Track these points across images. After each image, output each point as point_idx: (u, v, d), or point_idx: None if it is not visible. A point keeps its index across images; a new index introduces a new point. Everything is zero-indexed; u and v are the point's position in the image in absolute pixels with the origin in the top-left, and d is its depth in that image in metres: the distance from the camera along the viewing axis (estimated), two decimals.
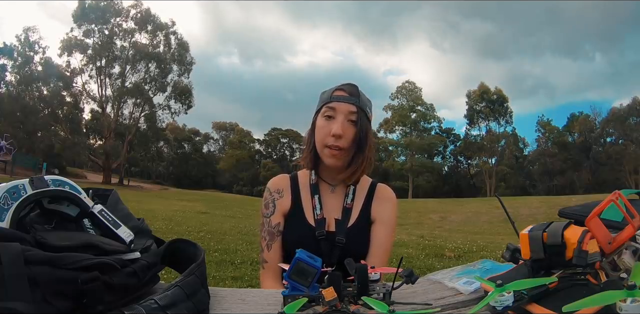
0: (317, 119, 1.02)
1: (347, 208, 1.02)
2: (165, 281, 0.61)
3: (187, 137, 49.23)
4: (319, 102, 1.04)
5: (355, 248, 0.97)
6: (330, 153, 0.97)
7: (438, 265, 4.68)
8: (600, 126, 38.91)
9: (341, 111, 0.97)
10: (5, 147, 20.99)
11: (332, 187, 1.06)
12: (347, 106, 0.97)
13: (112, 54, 28.78)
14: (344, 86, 1.01)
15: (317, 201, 1.02)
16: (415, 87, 43.67)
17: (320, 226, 0.99)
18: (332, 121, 0.97)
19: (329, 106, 0.98)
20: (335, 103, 0.98)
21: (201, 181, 45.19)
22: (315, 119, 1.03)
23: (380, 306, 0.49)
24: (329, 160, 0.98)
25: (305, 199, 1.04)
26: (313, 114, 1.05)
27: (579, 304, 0.38)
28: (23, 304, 0.40)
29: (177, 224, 7.62)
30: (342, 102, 0.98)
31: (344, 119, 0.97)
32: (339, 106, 0.98)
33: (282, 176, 1.12)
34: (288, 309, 0.49)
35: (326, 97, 1.01)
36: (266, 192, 1.08)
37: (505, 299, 0.44)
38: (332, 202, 1.04)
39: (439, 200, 25.40)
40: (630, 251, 0.45)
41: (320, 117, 1.00)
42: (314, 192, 1.04)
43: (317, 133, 1.00)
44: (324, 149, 0.98)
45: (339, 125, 0.95)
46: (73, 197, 0.57)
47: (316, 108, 1.04)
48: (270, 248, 1.03)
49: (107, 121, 29.33)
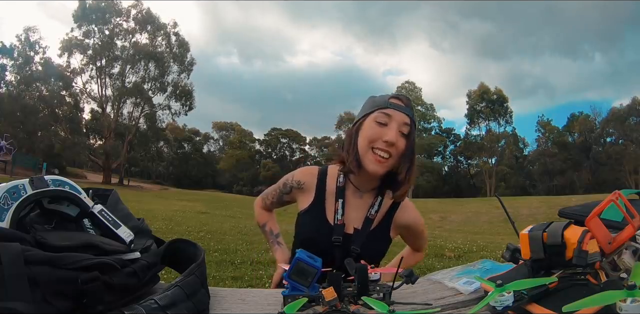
0: (365, 122, 0.97)
1: (370, 219, 0.99)
2: (165, 281, 0.61)
3: (187, 137, 49.22)
4: (369, 105, 0.99)
5: (368, 258, 0.94)
6: (375, 159, 0.93)
7: (438, 265, 4.68)
8: (600, 126, 38.91)
9: (396, 119, 0.93)
10: (5, 147, 20.99)
11: (360, 193, 1.02)
12: (403, 116, 0.94)
13: (112, 54, 28.78)
14: (401, 96, 0.98)
15: (340, 206, 0.99)
16: (415, 87, 43.70)
17: (339, 231, 0.97)
18: (385, 128, 0.93)
19: (384, 112, 0.94)
20: (391, 110, 0.94)
21: (201, 181, 45.18)
22: (361, 121, 0.98)
23: (380, 306, 0.49)
24: (373, 166, 0.93)
25: (329, 201, 1.02)
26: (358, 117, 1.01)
27: (579, 304, 0.38)
28: (23, 304, 0.40)
29: (177, 224, 7.62)
30: (399, 111, 0.94)
31: (397, 128, 0.93)
32: (395, 113, 0.94)
33: (312, 168, 1.09)
34: (288, 309, 0.49)
35: (382, 102, 0.96)
36: (290, 176, 1.10)
37: (505, 299, 0.44)
38: (356, 209, 1.00)
39: (439, 200, 25.38)
40: (630, 251, 0.45)
41: (371, 121, 0.95)
42: (339, 196, 1.00)
43: (366, 135, 0.95)
44: (368, 152, 0.94)
45: (394, 132, 0.92)
46: (73, 197, 0.57)
47: (364, 111, 0.99)
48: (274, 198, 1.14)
49: (107, 121, 29.33)
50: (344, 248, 0.95)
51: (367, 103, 1.01)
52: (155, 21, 30.07)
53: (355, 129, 0.99)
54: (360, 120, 0.99)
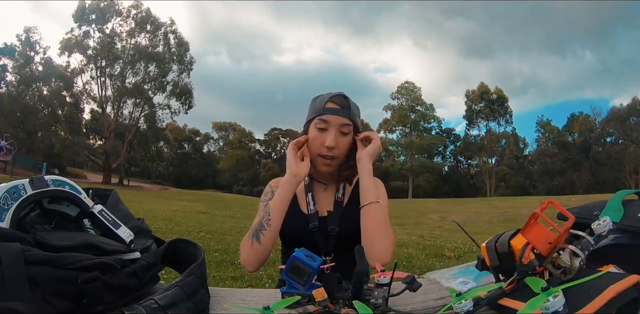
0: (309, 128, 1.06)
1: (339, 202, 1.07)
2: (165, 281, 0.61)
3: (187, 137, 49.22)
4: (310, 111, 1.08)
5: (347, 233, 1.00)
6: (322, 162, 1.04)
7: (438, 265, 4.67)
8: (600, 126, 38.92)
9: (333, 123, 1.02)
10: (5, 147, 20.99)
11: (324, 186, 1.12)
12: (339, 118, 1.02)
13: (112, 54, 28.77)
14: (335, 98, 1.05)
15: (310, 198, 1.08)
16: (415, 87, 43.72)
17: (314, 218, 1.04)
18: (324, 133, 1.02)
19: (322, 118, 1.02)
20: (327, 116, 1.02)
21: (201, 181, 45.20)
22: (307, 127, 1.07)
23: (366, 311, 0.50)
24: (323, 168, 1.05)
25: (300, 197, 1.10)
26: (305, 122, 1.09)
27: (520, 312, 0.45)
28: (23, 304, 0.40)
29: (177, 224, 7.61)
30: (335, 115, 1.02)
31: (337, 131, 1.02)
32: (331, 118, 1.02)
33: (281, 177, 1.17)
34: (275, 306, 0.49)
35: (318, 108, 1.04)
36: (267, 187, 1.14)
37: (464, 306, 0.51)
38: (325, 198, 1.10)
39: (439, 200, 25.39)
40: (568, 250, 0.51)
41: (313, 127, 1.04)
42: (307, 190, 1.10)
43: (311, 143, 1.05)
44: (317, 158, 1.04)
45: (332, 138, 1.01)
46: (73, 197, 0.57)
47: (308, 116, 1.08)
48: None
49: (107, 121, 29.32)
50: (323, 232, 1.02)
51: (310, 107, 1.10)
52: (155, 21, 30.08)
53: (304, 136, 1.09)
54: (306, 126, 1.08)
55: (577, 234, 0.52)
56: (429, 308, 0.61)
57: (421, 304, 0.62)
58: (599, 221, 0.52)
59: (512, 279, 0.53)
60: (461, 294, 0.52)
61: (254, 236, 0.96)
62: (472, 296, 0.52)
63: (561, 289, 0.45)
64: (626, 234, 0.62)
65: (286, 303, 0.51)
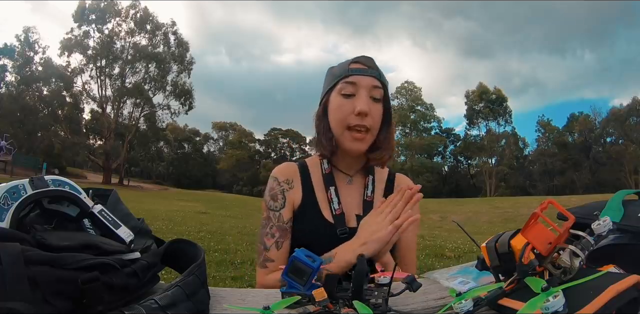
0: (330, 99, 0.87)
1: (368, 201, 0.89)
2: (165, 281, 0.61)
3: (187, 137, 49.22)
4: (329, 79, 0.89)
5: None
6: (353, 137, 0.83)
7: (438, 265, 4.68)
8: (600, 126, 38.92)
9: (363, 85, 0.83)
10: (5, 147, 20.98)
11: (349, 178, 0.92)
12: (369, 79, 0.84)
13: (112, 54, 28.78)
14: (361, 58, 0.87)
15: (333, 194, 0.88)
16: (415, 87, 43.72)
17: (341, 222, 0.86)
18: (352, 99, 0.83)
19: (348, 81, 0.84)
20: (355, 77, 0.83)
21: (201, 181, 45.18)
22: (326, 99, 0.88)
23: (366, 311, 0.50)
24: (353, 144, 0.84)
25: (319, 192, 0.89)
26: (322, 95, 0.90)
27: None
28: (23, 304, 0.40)
29: (177, 224, 7.61)
30: (364, 76, 0.84)
31: (368, 95, 0.83)
32: (360, 80, 0.83)
33: (289, 163, 0.97)
34: (274, 306, 0.49)
35: (342, 70, 0.86)
36: (273, 182, 0.91)
37: (464, 306, 0.50)
38: (350, 194, 0.90)
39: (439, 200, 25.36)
40: (567, 251, 0.51)
41: (336, 95, 0.85)
42: (329, 183, 0.89)
43: (335, 113, 0.85)
44: (344, 132, 0.84)
45: (365, 101, 0.82)
46: (73, 197, 0.56)
47: (326, 86, 0.89)
48: (280, 246, 0.87)
49: (107, 121, 29.32)
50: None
51: (327, 76, 0.91)
52: (155, 21, 30.09)
53: (322, 109, 0.89)
54: (325, 97, 0.89)
55: (577, 234, 0.52)
56: (429, 308, 0.61)
57: (421, 304, 0.62)
58: (599, 221, 0.52)
59: (512, 279, 0.53)
60: (461, 294, 0.52)
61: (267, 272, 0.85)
62: (472, 296, 0.52)
63: (561, 289, 0.45)
64: (626, 234, 0.62)
65: (286, 303, 0.51)
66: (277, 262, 0.86)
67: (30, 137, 27.04)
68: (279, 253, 0.87)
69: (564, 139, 40.64)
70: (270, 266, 0.86)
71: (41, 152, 27.16)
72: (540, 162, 40.75)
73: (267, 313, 0.48)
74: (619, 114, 36.32)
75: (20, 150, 23.70)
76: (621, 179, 33.49)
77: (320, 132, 0.89)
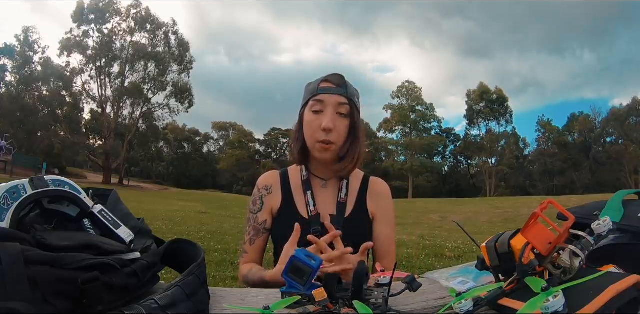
0: (304, 113, 0.98)
1: (341, 203, 0.99)
2: (165, 281, 0.61)
3: (187, 137, 49.23)
4: (305, 95, 1.00)
5: (353, 241, 0.90)
6: (321, 148, 0.94)
7: (438, 265, 4.67)
8: (600, 126, 38.93)
9: (330, 103, 0.94)
10: (5, 147, 20.98)
11: (323, 182, 1.02)
12: (335, 97, 0.94)
13: (111, 54, 28.78)
14: (330, 77, 0.97)
15: (309, 197, 0.99)
16: (415, 87, 43.71)
17: (315, 222, 0.96)
18: (320, 115, 0.94)
19: (317, 99, 0.94)
20: (322, 95, 0.94)
21: (201, 181, 45.19)
22: (302, 113, 1.00)
23: (366, 311, 0.50)
24: (321, 155, 0.96)
25: (297, 196, 1.01)
26: (300, 109, 1.02)
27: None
28: (23, 304, 0.40)
29: (177, 224, 7.61)
30: (330, 94, 0.94)
31: (334, 112, 0.93)
32: (327, 98, 0.94)
33: (272, 172, 1.09)
34: (274, 306, 0.49)
35: (312, 89, 0.96)
36: (255, 189, 1.06)
37: (464, 306, 0.51)
38: (326, 197, 1.01)
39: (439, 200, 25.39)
40: (568, 250, 0.51)
41: (308, 111, 0.96)
42: (306, 188, 1.00)
43: (307, 128, 0.96)
44: (315, 144, 0.95)
45: (329, 118, 0.92)
46: (73, 197, 0.56)
47: (302, 102, 1.00)
48: (252, 243, 1.03)
49: (107, 121, 29.32)
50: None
51: (304, 92, 1.01)
52: (155, 20, 30.08)
53: (299, 123, 1.01)
54: (301, 111, 1.00)
55: (577, 234, 0.52)
56: (429, 308, 0.61)
57: (421, 304, 0.62)
58: (599, 221, 0.52)
59: (512, 279, 0.53)
60: (461, 294, 0.52)
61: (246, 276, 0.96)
62: (472, 296, 0.52)
63: (561, 289, 0.45)
64: (626, 234, 0.62)
65: (286, 303, 0.51)
66: (249, 254, 1.03)
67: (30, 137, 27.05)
68: (251, 247, 1.03)
69: (564, 139, 40.66)
70: (245, 257, 1.04)
71: (41, 152, 27.17)
72: (540, 162, 40.76)
73: (267, 313, 0.48)
74: (619, 114, 36.33)
75: (20, 150, 23.71)
76: (621, 179, 33.51)
77: (294, 143, 1.02)
